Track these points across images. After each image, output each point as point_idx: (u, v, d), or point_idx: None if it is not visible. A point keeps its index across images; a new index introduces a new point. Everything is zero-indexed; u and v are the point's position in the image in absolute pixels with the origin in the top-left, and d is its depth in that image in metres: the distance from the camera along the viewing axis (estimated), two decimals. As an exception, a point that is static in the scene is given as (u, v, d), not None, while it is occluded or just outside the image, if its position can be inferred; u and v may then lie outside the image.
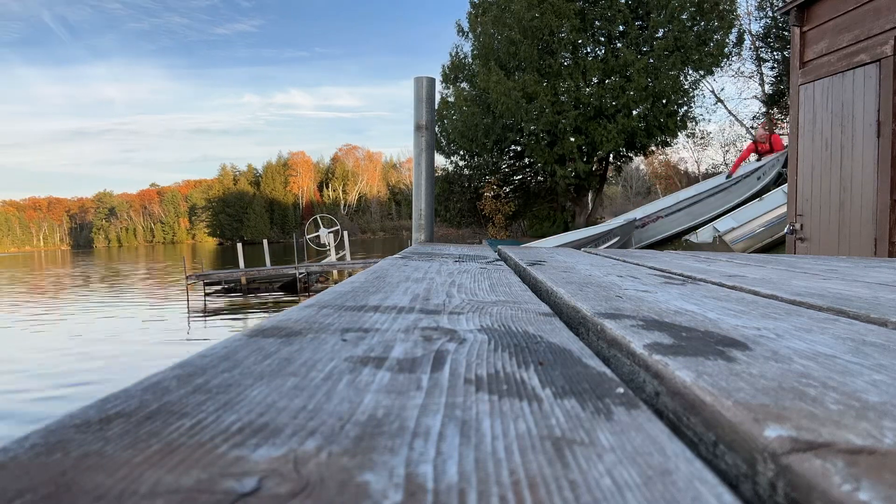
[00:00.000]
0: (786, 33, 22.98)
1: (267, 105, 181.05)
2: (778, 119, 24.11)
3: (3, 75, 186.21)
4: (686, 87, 20.24)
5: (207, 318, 11.18)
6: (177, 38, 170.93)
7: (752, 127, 27.46)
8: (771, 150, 14.51)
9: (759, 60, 25.97)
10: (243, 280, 14.99)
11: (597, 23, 19.78)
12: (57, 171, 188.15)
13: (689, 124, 21.18)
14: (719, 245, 11.01)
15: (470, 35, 22.79)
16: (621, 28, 20.16)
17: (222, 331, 9.50)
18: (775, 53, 25.29)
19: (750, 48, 25.56)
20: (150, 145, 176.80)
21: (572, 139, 20.01)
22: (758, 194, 13.05)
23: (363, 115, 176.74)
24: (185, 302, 13.24)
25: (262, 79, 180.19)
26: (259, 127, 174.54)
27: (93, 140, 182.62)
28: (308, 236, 18.59)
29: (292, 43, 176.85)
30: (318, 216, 20.53)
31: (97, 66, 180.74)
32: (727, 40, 19.90)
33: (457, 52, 23.94)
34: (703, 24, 19.48)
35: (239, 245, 17.38)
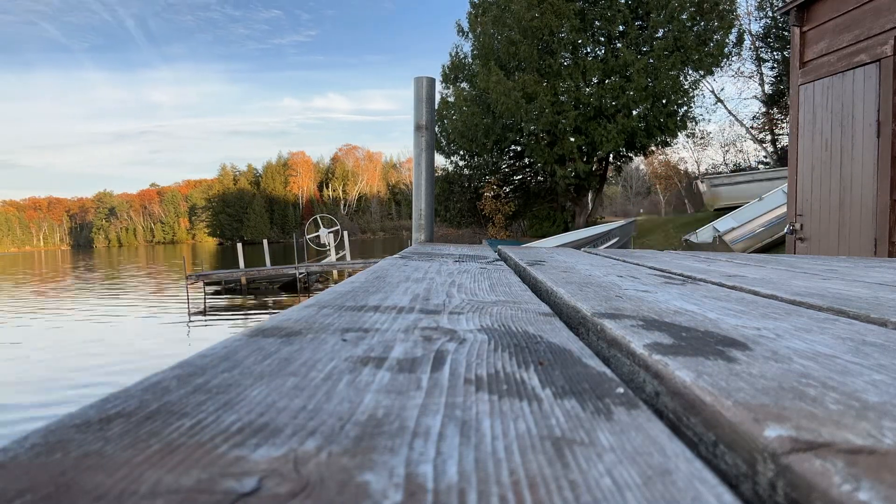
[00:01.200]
0: (786, 33, 22.98)
1: (304, 108, 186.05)
2: (777, 119, 24.13)
3: (73, 79, 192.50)
4: (686, 87, 20.24)
5: (207, 319, 11.18)
6: (235, 47, 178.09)
7: (751, 127, 27.47)
8: None
9: (759, 60, 25.97)
10: (243, 280, 14.99)
11: (597, 23, 19.77)
12: (84, 172, 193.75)
13: (688, 124, 21.18)
14: (719, 245, 10.99)
15: (470, 35, 22.79)
16: (621, 28, 20.16)
17: (222, 331, 9.51)
18: (775, 53, 25.29)
19: (750, 48, 25.56)
20: (179, 146, 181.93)
21: (572, 139, 20.01)
22: None
23: (392, 119, 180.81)
24: (186, 302, 13.24)
25: (305, 83, 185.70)
26: (291, 129, 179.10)
27: (128, 141, 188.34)
28: (308, 236, 18.59)
29: (340, 50, 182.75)
30: (318, 216, 20.53)
31: (162, 71, 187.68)
32: (727, 40, 19.90)
33: (457, 52, 23.94)
34: (702, 24, 19.48)
35: (239, 245, 17.37)
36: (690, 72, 20.24)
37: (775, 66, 25.68)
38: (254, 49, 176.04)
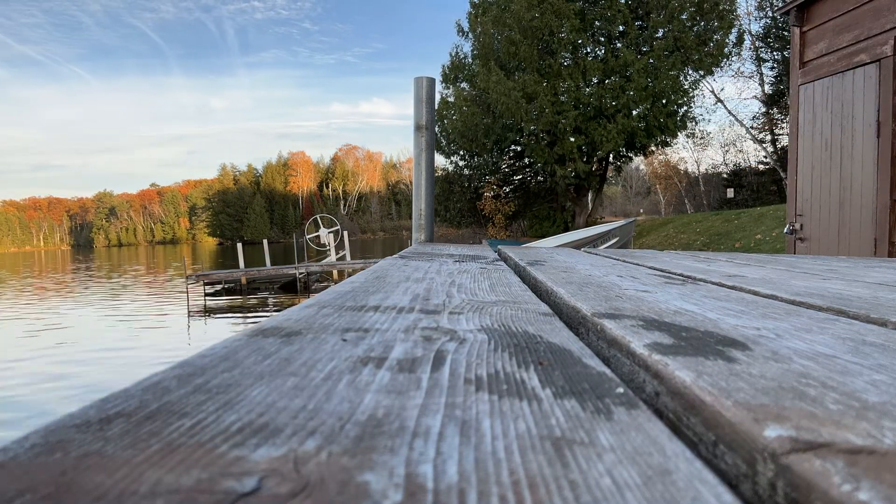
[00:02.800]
0: (786, 33, 22.98)
1: (349, 113, 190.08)
2: (777, 119, 24.14)
3: (155, 83, 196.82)
4: (686, 87, 20.24)
5: (208, 318, 11.18)
6: (304, 59, 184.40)
7: (751, 127, 27.47)
8: None
9: (759, 60, 25.98)
10: (243, 280, 14.99)
11: (597, 23, 19.78)
12: (117, 172, 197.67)
13: (688, 124, 21.20)
14: None
15: (470, 35, 22.79)
16: (621, 28, 20.16)
17: (222, 331, 9.51)
18: (775, 53, 25.30)
19: (750, 48, 25.56)
20: (215, 148, 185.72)
21: (572, 139, 20.02)
22: None
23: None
24: (186, 302, 13.24)
25: (356, 89, 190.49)
26: (330, 132, 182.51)
27: (171, 144, 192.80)
28: (308, 236, 18.59)
29: (395, 56, 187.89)
30: (318, 216, 20.52)
31: (240, 77, 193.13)
32: (727, 40, 19.91)
33: (457, 52, 23.95)
34: (702, 24, 19.48)
35: (239, 245, 17.37)
36: (690, 72, 20.25)
37: (775, 66, 25.69)
38: (319, 59, 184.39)
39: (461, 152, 24.71)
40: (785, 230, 6.17)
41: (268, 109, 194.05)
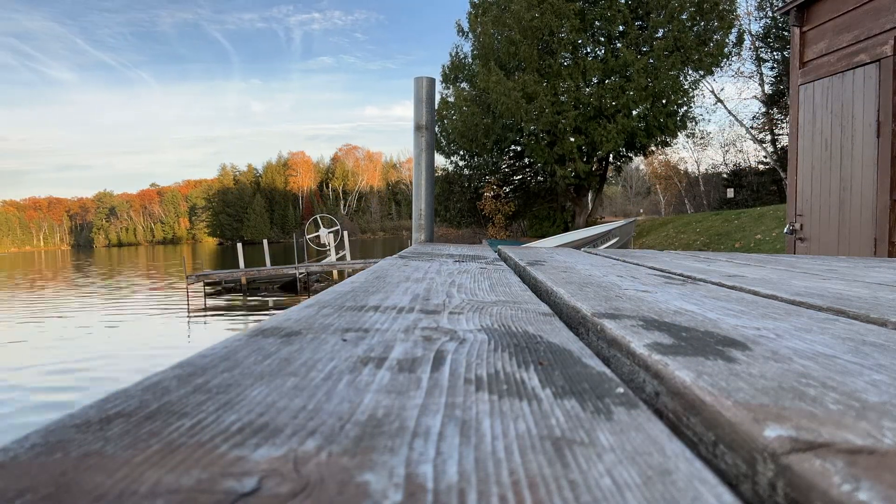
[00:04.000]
0: (786, 33, 22.98)
1: (379, 116, 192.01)
2: (777, 119, 24.14)
3: (210, 87, 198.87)
4: (686, 87, 20.24)
5: (207, 319, 11.18)
6: (349, 64, 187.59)
7: (751, 127, 27.46)
8: None
9: (759, 60, 25.98)
10: (243, 280, 14.99)
11: (597, 23, 19.78)
12: (138, 172, 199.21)
13: (688, 124, 21.19)
14: None
15: (470, 35, 22.79)
16: (621, 28, 20.16)
17: (222, 331, 9.51)
18: (775, 53, 25.30)
19: (750, 48, 25.57)
20: (241, 149, 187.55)
21: (572, 139, 20.02)
22: None
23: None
24: (186, 302, 13.24)
25: (391, 92, 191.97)
26: (355, 134, 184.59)
27: (201, 145, 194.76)
28: (308, 236, 18.59)
29: (436, 61, 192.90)
30: (318, 216, 20.53)
31: (293, 82, 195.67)
32: (727, 40, 19.91)
33: (457, 53, 23.95)
34: (702, 24, 19.48)
35: (239, 245, 17.37)
36: (690, 72, 20.24)
37: (775, 66, 25.70)
38: (362, 65, 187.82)
39: (461, 152, 24.71)
40: (785, 230, 6.17)
41: (304, 112, 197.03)
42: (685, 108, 20.68)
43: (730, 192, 28.58)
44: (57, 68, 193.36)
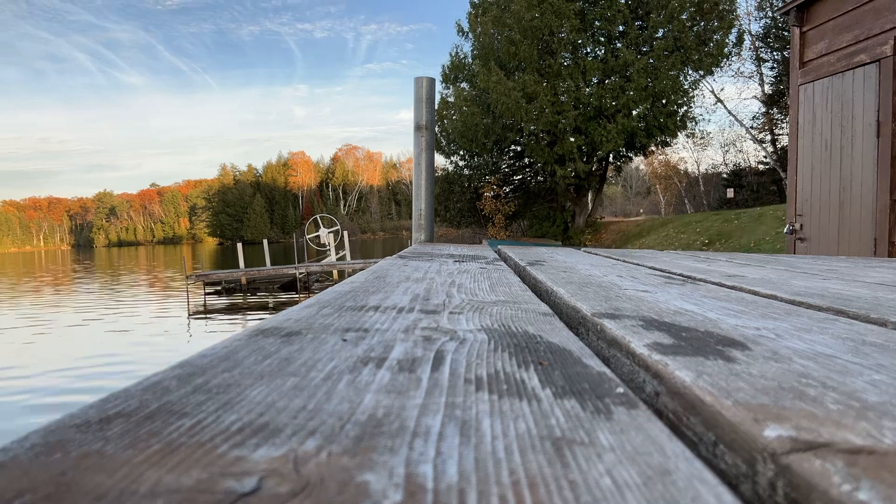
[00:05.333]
0: (786, 33, 22.98)
1: (409, 119, 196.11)
2: (777, 119, 24.14)
3: (266, 92, 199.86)
4: (686, 87, 20.22)
5: (207, 319, 11.18)
6: (400, 69, 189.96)
7: (751, 127, 27.46)
8: None
9: (759, 60, 25.98)
10: (243, 280, 14.99)
11: (597, 23, 19.77)
12: (163, 172, 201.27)
13: (688, 124, 21.17)
14: None
15: (470, 35, 22.78)
16: (621, 28, 20.16)
17: (222, 331, 9.51)
18: (775, 53, 25.30)
19: (750, 48, 25.57)
20: (270, 151, 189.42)
21: (572, 139, 20.01)
22: None
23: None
24: (186, 302, 13.24)
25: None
26: (381, 136, 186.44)
27: (235, 146, 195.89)
28: (308, 236, 18.59)
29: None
30: (318, 216, 20.53)
31: (347, 87, 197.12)
32: (727, 40, 19.89)
33: (457, 52, 23.94)
34: (702, 24, 19.47)
35: (239, 245, 17.38)
36: (690, 72, 20.23)
37: (775, 66, 25.69)
38: (411, 71, 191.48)
39: (461, 152, 24.70)
40: (785, 230, 6.17)
41: (343, 116, 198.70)
42: (685, 108, 20.66)
43: (730, 192, 28.57)
44: (130, 73, 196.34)
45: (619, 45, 19.96)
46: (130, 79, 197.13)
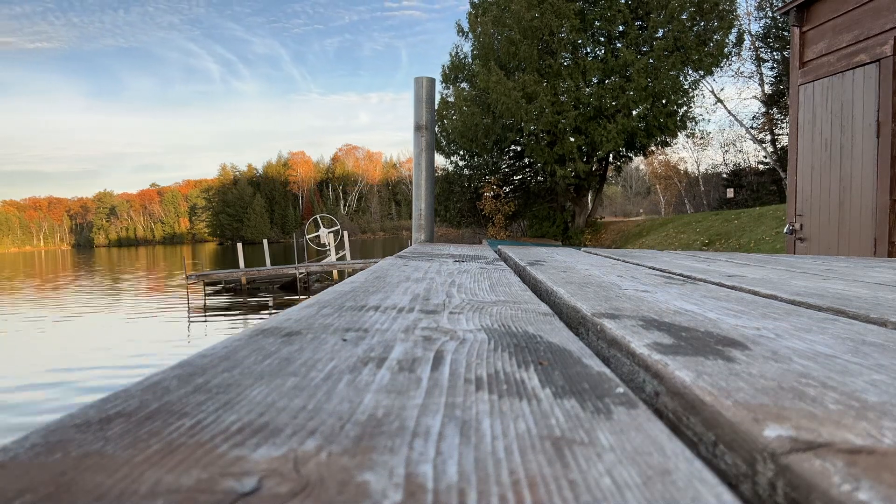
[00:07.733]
0: (786, 33, 22.98)
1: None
2: (777, 119, 24.13)
3: (303, 99, 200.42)
4: (686, 87, 20.22)
5: (207, 319, 11.18)
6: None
7: (751, 127, 27.45)
8: None
9: (759, 60, 25.99)
10: (243, 280, 14.99)
11: (597, 23, 19.76)
12: (204, 169, 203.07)
13: (688, 124, 21.17)
14: None
15: (470, 35, 22.78)
16: (621, 28, 20.15)
17: (222, 331, 9.51)
18: (775, 53, 25.31)
19: (750, 48, 25.57)
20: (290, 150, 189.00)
21: (572, 139, 20.00)
22: None
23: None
24: (186, 302, 13.24)
25: None
26: (400, 140, 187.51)
27: (238, 151, 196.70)
28: (308, 236, 18.59)
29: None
30: (318, 216, 20.53)
31: (372, 97, 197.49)
32: (727, 40, 19.88)
33: (457, 53, 23.93)
34: (702, 24, 19.46)
35: (239, 245, 17.38)
36: (690, 72, 20.22)
37: (775, 66, 25.70)
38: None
39: (461, 152, 24.70)
40: (785, 230, 6.17)
41: (376, 118, 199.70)
42: (685, 108, 20.66)
43: (730, 192, 28.57)
44: (246, 80, 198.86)
45: (619, 45, 19.96)
46: (243, 86, 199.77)
